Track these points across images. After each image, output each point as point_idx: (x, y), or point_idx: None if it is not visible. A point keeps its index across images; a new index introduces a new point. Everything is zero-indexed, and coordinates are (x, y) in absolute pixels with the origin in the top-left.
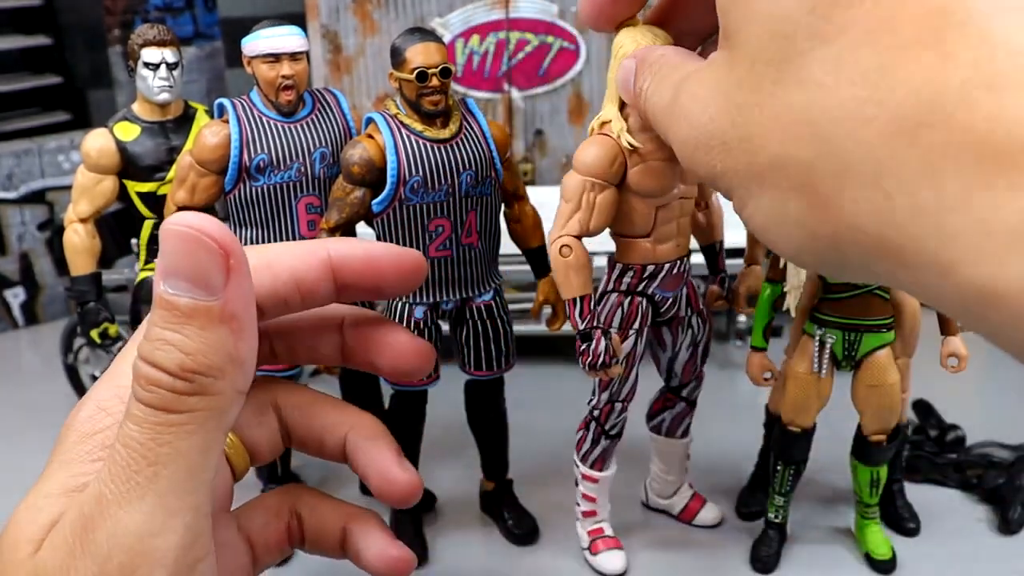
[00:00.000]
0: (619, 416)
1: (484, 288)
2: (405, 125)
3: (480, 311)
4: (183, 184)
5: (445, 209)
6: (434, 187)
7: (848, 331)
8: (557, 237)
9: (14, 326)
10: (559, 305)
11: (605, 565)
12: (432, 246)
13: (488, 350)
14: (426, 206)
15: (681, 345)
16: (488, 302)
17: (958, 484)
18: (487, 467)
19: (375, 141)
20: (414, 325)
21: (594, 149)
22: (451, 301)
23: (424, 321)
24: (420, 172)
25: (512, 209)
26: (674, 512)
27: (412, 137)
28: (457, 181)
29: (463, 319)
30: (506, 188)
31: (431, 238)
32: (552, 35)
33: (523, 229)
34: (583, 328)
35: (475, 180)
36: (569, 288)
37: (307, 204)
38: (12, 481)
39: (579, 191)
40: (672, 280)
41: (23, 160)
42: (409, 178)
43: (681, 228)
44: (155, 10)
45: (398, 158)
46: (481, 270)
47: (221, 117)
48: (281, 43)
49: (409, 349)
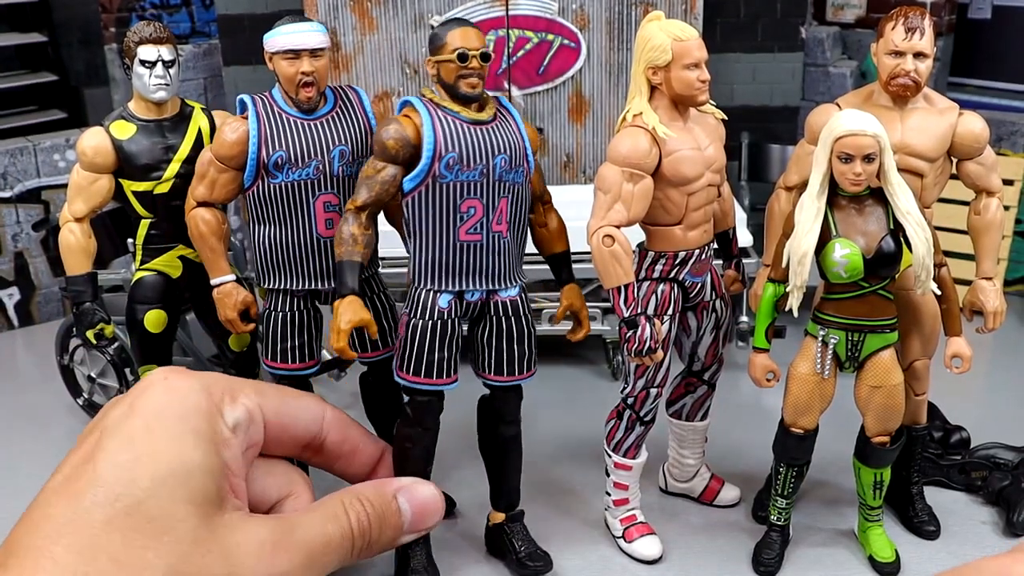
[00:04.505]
0: (653, 402)
1: (511, 282)
2: (441, 107)
3: (505, 307)
4: (203, 180)
5: (478, 190)
6: (469, 165)
7: (851, 332)
8: (598, 227)
9: (9, 327)
10: (583, 313)
11: (642, 551)
12: (463, 228)
13: (511, 351)
14: (460, 185)
15: (705, 329)
16: (514, 298)
17: (963, 486)
18: (496, 496)
19: (411, 119)
20: (437, 314)
21: (630, 140)
22: (476, 291)
23: (448, 312)
24: (456, 148)
25: (537, 213)
26: (694, 494)
27: (449, 117)
28: (492, 163)
29: (485, 315)
30: (534, 188)
31: (462, 219)
32: (552, 32)
33: (549, 233)
34: (628, 316)
35: (509, 165)
36: (613, 277)
37: (325, 202)
38: (7, 481)
39: (618, 181)
40: (701, 265)
41: (18, 158)
42: (445, 154)
43: (707, 215)
44: (151, 7)
45: (435, 134)
46: (509, 262)
47: (242, 113)
48: (301, 39)
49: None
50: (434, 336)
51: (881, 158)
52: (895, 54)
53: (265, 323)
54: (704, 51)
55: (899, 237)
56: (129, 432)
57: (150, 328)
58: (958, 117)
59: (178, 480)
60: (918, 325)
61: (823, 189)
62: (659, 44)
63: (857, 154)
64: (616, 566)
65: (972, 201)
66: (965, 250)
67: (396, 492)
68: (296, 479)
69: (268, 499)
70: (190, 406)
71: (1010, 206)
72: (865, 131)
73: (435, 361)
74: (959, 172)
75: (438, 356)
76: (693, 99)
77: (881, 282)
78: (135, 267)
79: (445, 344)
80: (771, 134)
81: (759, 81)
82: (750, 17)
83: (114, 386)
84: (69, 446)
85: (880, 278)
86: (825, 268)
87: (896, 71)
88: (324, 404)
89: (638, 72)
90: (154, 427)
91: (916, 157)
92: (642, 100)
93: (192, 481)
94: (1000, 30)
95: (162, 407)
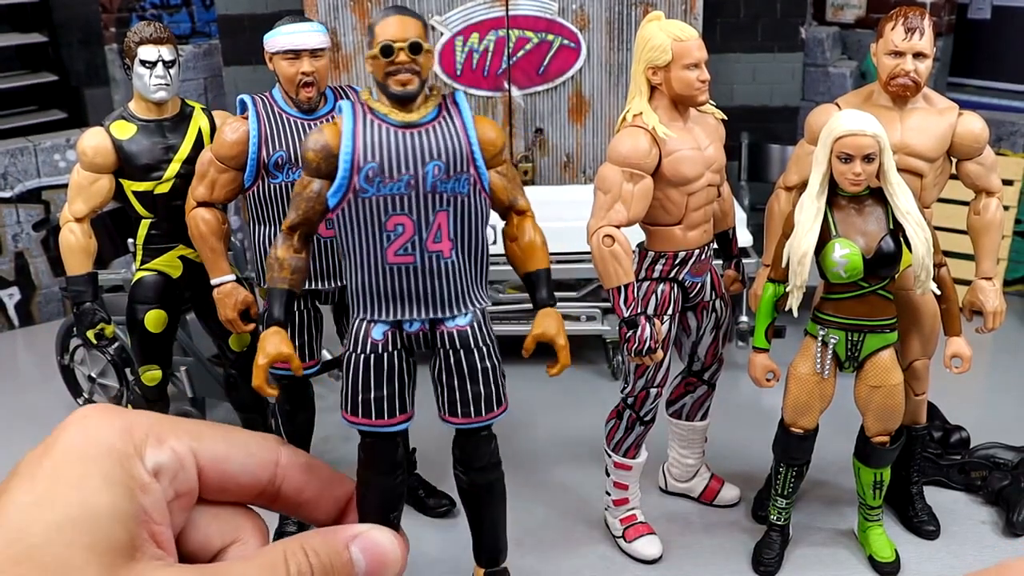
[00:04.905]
0: (653, 402)
1: (458, 310)
2: (372, 109)
3: (453, 338)
4: (203, 180)
5: (406, 204)
6: (392, 176)
7: (851, 331)
8: (598, 227)
9: (9, 326)
10: (559, 342)
11: (642, 551)
12: (391, 249)
13: (463, 389)
14: (384, 199)
15: (705, 329)
16: (463, 328)
17: (962, 486)
18: (477, 549)
19: (336, 126)
20: (371, 347)
21: (630, 140)
22: (416, 321)
23: (384, 344)
24: (377, 157)
25: (510, 225)
26: (694, 494)
27: (375, 121)
28: (421, 171)
29: (434, 348)
30: (499, 198)
31: (389, 239)
32: (552, 33)
33: (519, 249)
34: (628, 315)
35: (444, 173)
36: (613, 277)
37: None
38: None
39: (618, 181)
40: (700, 265)
41: (18, 158)
42: (364, 164)
43: (707, 215)
44: (151, 7)
45: (353, 141)
46: (454, 287)
47: (242, 113)
48: (301, 39)
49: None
50: (367, 372)
51: (881, 158)
52: (895, 54)
53: (265, 323)
54: (704, 51)
55: (899, 237)
56: (35, 473)
57: (150, 328)
58: (958, 117)
59: (78, 527)
60: (918, 325)
61: (823, 189)
62: (659, 44)
63: (857, 154)
64: (616, 566)
65: (972, 201)
66: (965, 250)
67: (350, 541)
68: (243, 524)
69: (211, 547)
70: (104, 448)
71: (1010, 206)
72: (865, 131)
73: (371, 400)
74: (959, 172)
75: (375, 394)
76: (693, 99)
77: (881, 282)
78: (135, 267)
79: (383, 381)
80: (771, 134)
81: (759, 81)
82: (750, 17)
83: (114, 386)
84: None
85: (880, 278)
86: (825, 268)
87: (896, 71)
88: (279, 448)
89: (638, 72)
90: (61, 469)
91: (916, 157)
92: (642, 100)
93: (97, 528)
94: (1000, 30)
95: (73, 448)
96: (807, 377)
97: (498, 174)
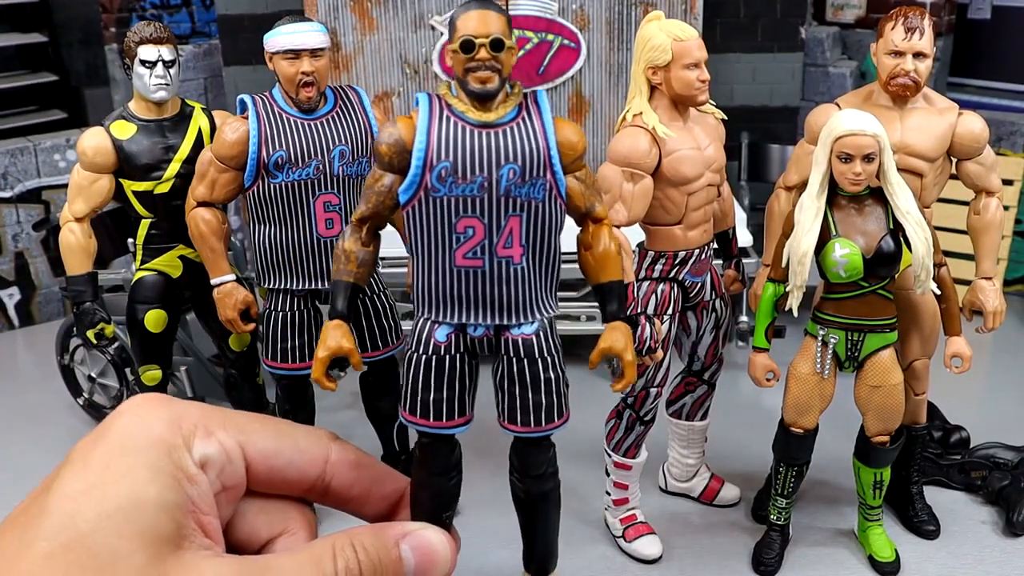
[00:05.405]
0: (653, 402)
1: (524, 317)
2: (450, 105)
3: (518, 347)
4: (203, 179)
5: (478, 207)
6: (466, 177)
7: (851, 331)
8: None
9: (9, 326)
10: (626, 358)
11: (642, 551)
12: (459, 252)
13: (524, 399)
14: (455, 200)
15: (705, 328)
16: (528, 337)
17: (962, 486)
18: (527, 556)
19: (411, 120)
20: (433, 349)
21: (630, 140)
22: (480, 326)
23: (447, 347)
24: (451, 156)
25: (585, 232)
26: (694, 494)
27: (452, 118)
28: (496, 174)
29: (498, 354)
30: (575, 204)
31: (458, 241)
32: (552, 32)
33: (593, 259)
34: (628, 315)
35: (520, 177)
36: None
37: (325, 202)
38: (7, 480)
39: (617, 181)
40: (701, 265)
41: (18, 158)
42: (437, 163)
43: (707, 215)
44: (151, 7)
45: (428, 138)
46: (522, 294)
47: (242, 113)
48: (301, 39)
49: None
50: (429, 373)
51: (881, 158)
52: (895, 54)
53: (265, 323)
54: (704, 51)
55: (899, 237)
56: (87, 462)
57: (150, 328)
58: (958, 117)
59: (127, 515)
60: (918, 325)
61: (823, 189)
62: (659, 44)
63: (857, 154)
64: (616, 566)
65: (972, 201)
66: (965, 250)
67: (400, 539)
68: (292, 516)
69: (259, 538)
70: (153, 438)
71: (1010, 206)
72: (865, 131)
73: (431, 401)
74: (959, 172)
75: (434, 396)
76: (693, 99)
77: (881, 282)
78: (135, 267)
79: (443, 383)
80: (771, 134)
81: (759, 81)
82: (750, 17)
83: (114, 386)
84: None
85: (880, 278)
86: (825, 268)
87: (896, 71)
88: (329, 443)
89: (638, 72)
90: (111, 458)
91: (916, 157)
92: (642, 100)
93: (144, 517)
94: (1000, 30)
95: (125, 438)
96: (807, 377)
97: (576, 179)
